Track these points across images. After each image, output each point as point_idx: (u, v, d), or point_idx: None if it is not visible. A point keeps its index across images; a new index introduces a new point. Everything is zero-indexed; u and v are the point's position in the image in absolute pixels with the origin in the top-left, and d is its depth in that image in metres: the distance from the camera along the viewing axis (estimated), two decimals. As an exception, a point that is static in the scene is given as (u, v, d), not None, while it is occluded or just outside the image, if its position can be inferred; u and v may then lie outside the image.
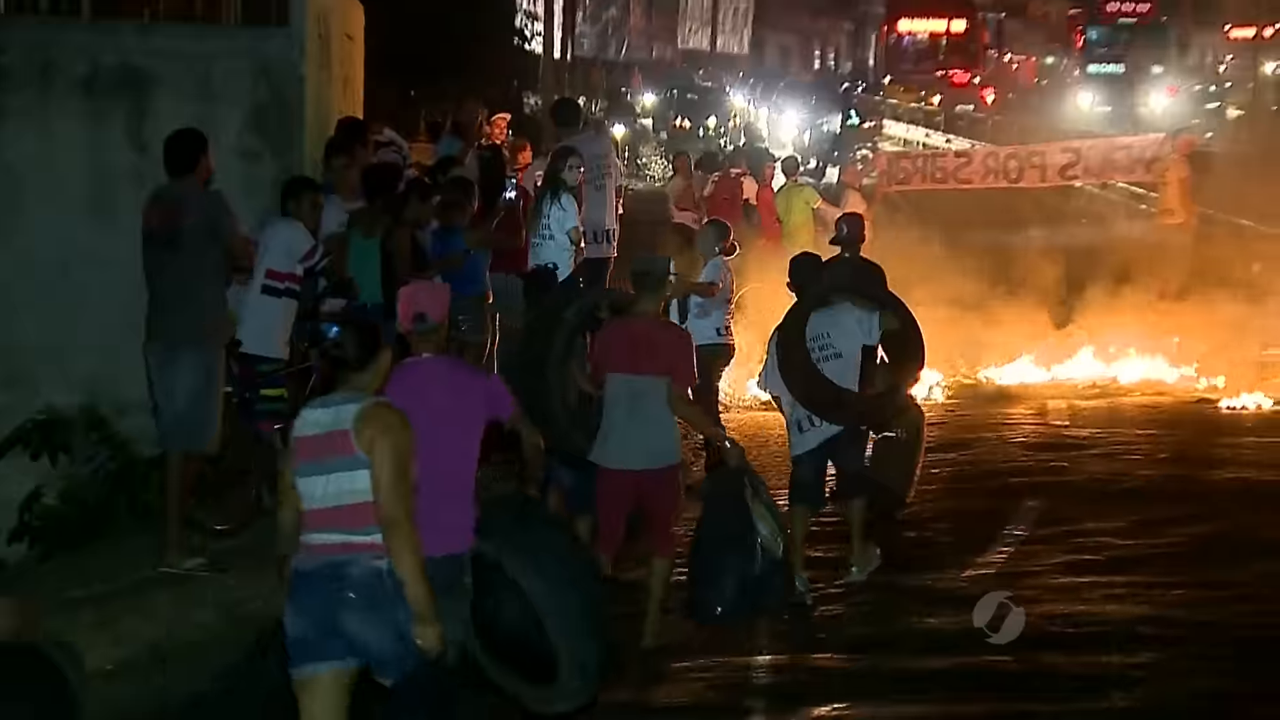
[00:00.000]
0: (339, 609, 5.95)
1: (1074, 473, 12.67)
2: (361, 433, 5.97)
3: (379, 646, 5.98)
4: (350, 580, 5.96)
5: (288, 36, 11.38)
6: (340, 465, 6.00)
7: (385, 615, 5.95)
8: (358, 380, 6.16)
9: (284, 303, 10.10)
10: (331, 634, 5.96)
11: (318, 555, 6.02)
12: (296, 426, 6.14)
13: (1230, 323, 16.62)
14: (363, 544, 5.97)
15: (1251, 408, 15.38)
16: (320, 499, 6.05)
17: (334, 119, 12.18)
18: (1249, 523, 10.92)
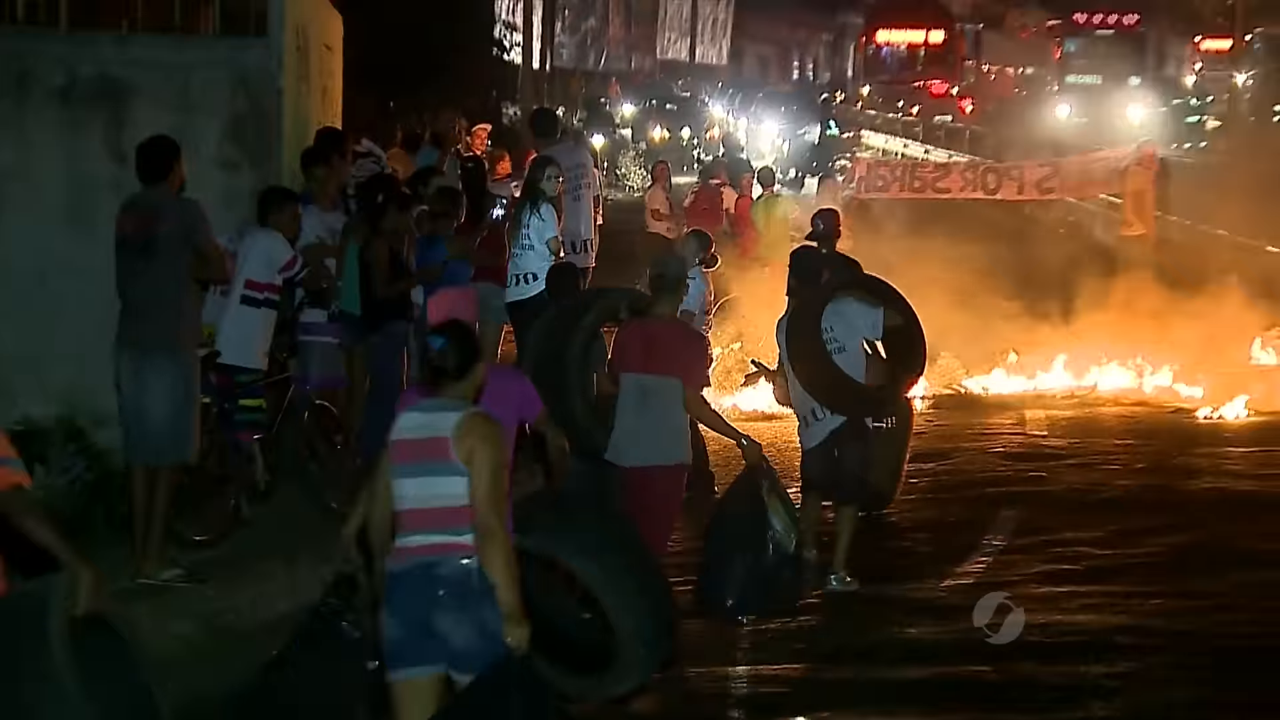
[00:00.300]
0: (431, 608, 6.11)
1: (1052, 483, 12.70)
2: (461, 441, 6.13)
3: (464, 643, 6.10)
4: (441, 579, 6.12)
5: (266, 47, 11.37)
6: (438, 470, 6.15)
7: (472, 614, 6.10)
8: (456, 389, 6.32)
9: (263, 313, 10.10)
10: (426, 637, 6.11)
11: (411, 556, 6.18)
12: (395, 429, 6.30)
13: (1207, 333, 16.68)
14: (453, 544, 6.13)
15: (1229, 418, 15.44)
16: (414, 500, 6.20)
17: (312, 129, 12.18)
18: (1226, 532, 10.95)
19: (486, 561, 6.10)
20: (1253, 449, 13.83)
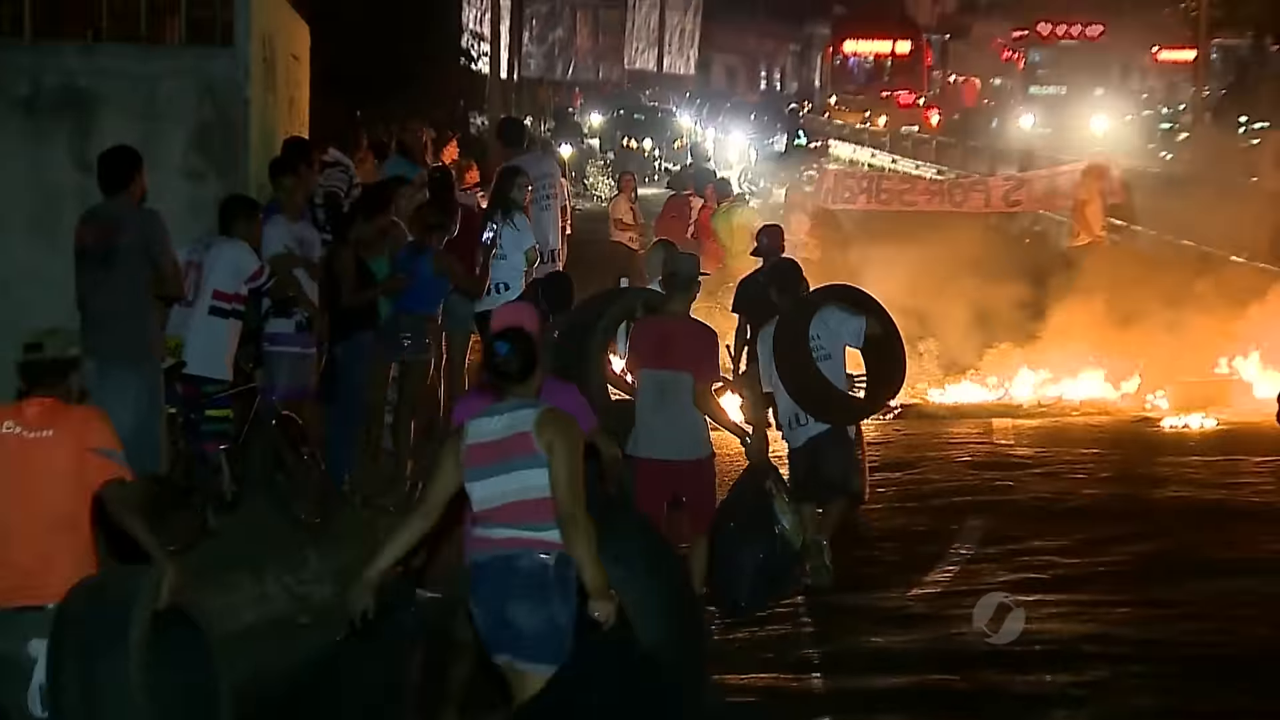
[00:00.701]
0: (507, 598, 6.39)
1: (1019, 492, 12.73)
2: (542, 434, 6.42)
3: (532, 631, 6.36)
4: (519, 571, 6.39)
5: (232, 57, 11.34)
6: (521, 464, 6.42)
7: (543, 606, 6.37)
8: (521, 389, 6.62)
9: (230, 323, 10.08)
10: (504, 626, 6.43)
11: (492, 548, 6.47)
12: (468, 435, 6.51)
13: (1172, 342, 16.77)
14: (533, 540, 6.40)
15: (1194, 427, 15.51)
16: (497, 497, 6.46)
17: (279, 139, 12.14)
18: (1192, 541, 10.99)
19: (569, 545, 6.37)
20: (1218, 458, 13.89)
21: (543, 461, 6.40)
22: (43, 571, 6.19)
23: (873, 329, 10.27)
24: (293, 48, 13.34)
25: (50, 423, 6.30)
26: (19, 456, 6.25)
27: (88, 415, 6.57)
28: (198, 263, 9.99)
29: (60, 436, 6.28)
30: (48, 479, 6.24)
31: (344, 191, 13.08)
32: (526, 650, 6.41)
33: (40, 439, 6.27)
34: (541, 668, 6.40)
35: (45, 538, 6.23)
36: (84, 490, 6.28)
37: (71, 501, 6.28)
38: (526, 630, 6.39)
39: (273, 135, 12.13)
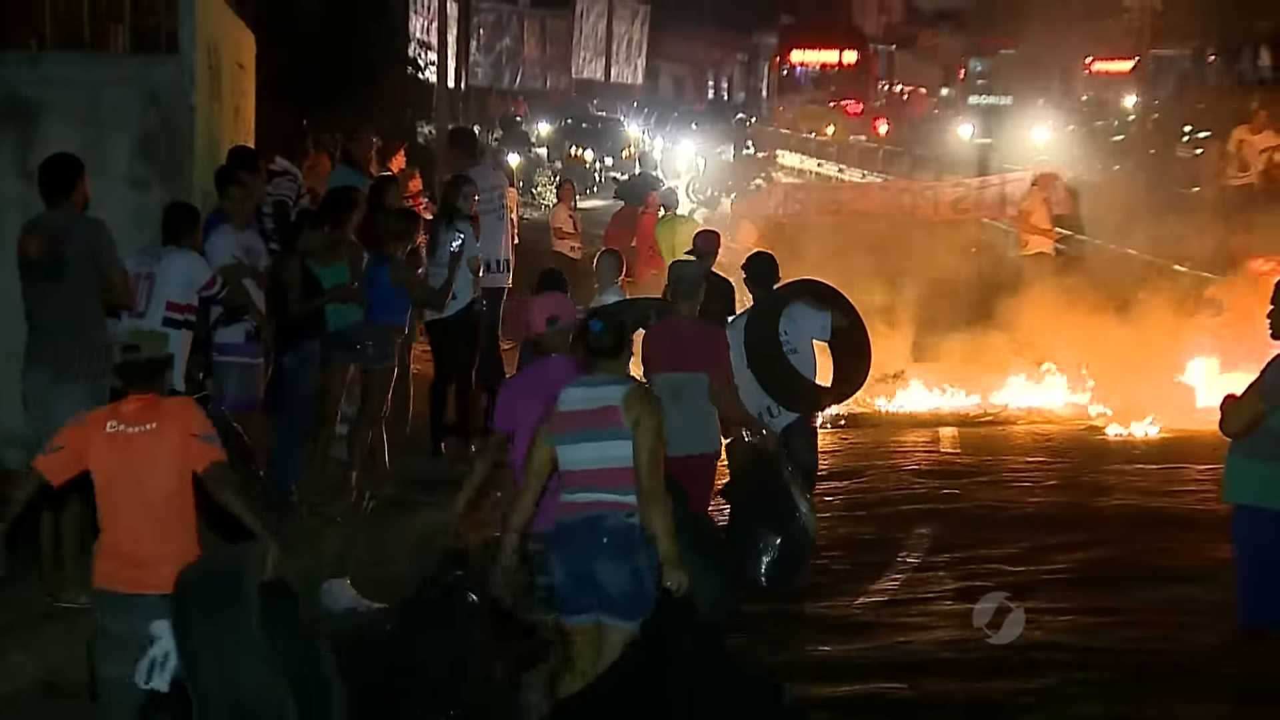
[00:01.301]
0: (594, 557, 6.86)
1: (965, 500, 12.79)
2: (629, 410, 6.92)
3: (620, 589, 6.84)
4: (606, 530, 6.88)
5: (177, 65, 11.27)
6: (606, 435, 6.92)
7: (629, 563, 6.84)
8: (613, 365, 7.15)
9: (183, 334, 10.01)
10: (588, 585, 6.88)
11: (579, 511, 6.96)
12: (560, 403, 7.06)
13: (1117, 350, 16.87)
14: (617, 502, 6.90)
15: (1138, 435, 15.62)
16: (585, 462, 6.97)
17: (225, 148, 12.07)
18: (1137, 548, 11.07)
19: (646, 516, 6.83)
20: (1161, 465, 13.99)
21: (627, 434, 6.88)
22: (157, 558, 6.62)
23: (838, 322, 10.74)
24: (238, 56, 13.28)
25: (151, 416, 6.72)
26: (127, 452, 6.65)
27: (184, 404, 7.22)
28: (148, 273, 9.91)
29: (163, 427, 6.69)
30: (156, 469, 6.67)
31: (292, 200, 13.03)
32: (614, 606, 6.86)
33: (145, 432, 6.67)
34: (627, 624, 6.82)
35: (158, 525, 6.68)
36: (187, 474, 6.71)
37: (178, 486, 6.71)
38: (614, 587, 6.85)
39: (218, 144, 12.07)
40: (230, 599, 6.42)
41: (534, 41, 58.37)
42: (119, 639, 6.66)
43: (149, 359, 6.81)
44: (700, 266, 12.19)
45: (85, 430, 6.80)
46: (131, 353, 6.81)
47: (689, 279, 9.92)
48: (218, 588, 6.48)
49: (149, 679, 6.50)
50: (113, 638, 6.71)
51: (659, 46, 67.54)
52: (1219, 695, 8.10)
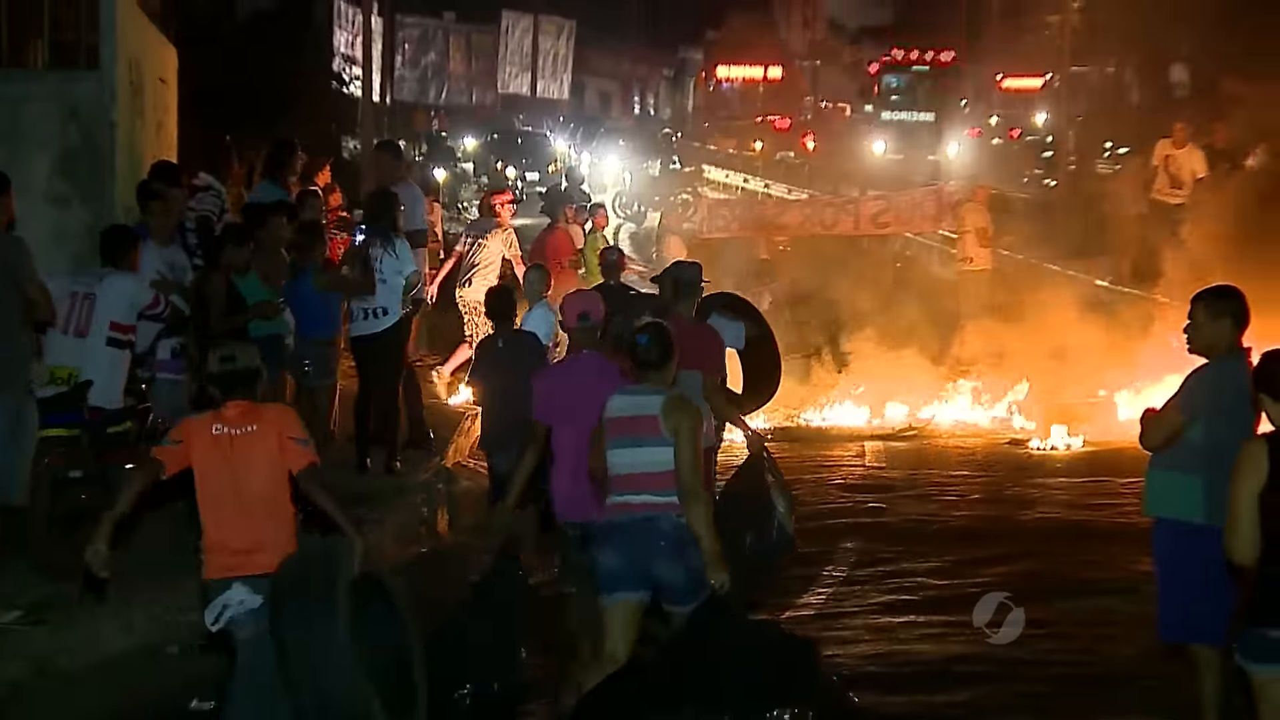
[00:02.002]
0: (652, 554, 7.44)
1: (890, 514, 12.85)
2: (668, 418, 7.44)
3: (677, 582, 7.45)
4: (661, 532, 7.43)
5: (98, 80, 11.19)
6: (648, 442, 7.45)
7: (684, 561, 7.42)
8: (658, 376, 7.62)
9: (124, 353, 10.03)
10: (639, 571, 7.46)
11: (628, 511, 7.51)
12: (606, 410, 7.62)
13: (1039, 365, 17.02)
14: (665, 504, 7.44)
15: (1061, 449, 15.75)
16: (630, 466, 7.51)
17: (147, 163, 11.99)
18: (1060, 562, 11.15)
19: (690, 516, 7.38)
20: (1083, 479, 14.12)
21: (668, 441, 7.41)
22: (254, 549, 7.17)
23: (750, 332, 11.25)
24: (160, 71, 13.19)
25: (252, 420, 7.27)
26: (230, 451, 7.20)
27: (282, 410, 7.92)
28: (88, 294, 9.86)
29: (263, 430, 7.25)
30: (256, 468, 7.22)
31: (215, 216, 12.95)
32: (676, 597, 7.48)
33: (246, 434, 7.23)
34: (684, 608, 7.42)
35: (256, 520, 7.20)
36: (283, 473, 7.26)
37: (275, 485, 7.26)
38: (673, 582, 7.46)
39: (140, 159, 11.98)
40: (323, 606, 6.80)
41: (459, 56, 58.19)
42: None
43: (245, 368, 7.34)
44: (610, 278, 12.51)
45: (193, 431, 7.34)
46: (229, 363, 7.33)
47: (688, 280, 10.25)
48: (311, 592, 6.87)
49: (216, 621, 7.14)
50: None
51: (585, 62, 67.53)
52: (1140, 707, 8.19)
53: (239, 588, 7.13)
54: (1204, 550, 6.81)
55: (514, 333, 11.42)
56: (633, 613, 7.58)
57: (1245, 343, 7.23)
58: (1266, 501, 5.95)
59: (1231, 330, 7.22)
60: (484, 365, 11.27)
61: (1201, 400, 7.12)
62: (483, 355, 11.40)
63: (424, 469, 13.24)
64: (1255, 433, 6.65)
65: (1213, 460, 6.91)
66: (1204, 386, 7.15)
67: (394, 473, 12.77)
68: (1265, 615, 5.94)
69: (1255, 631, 5.96)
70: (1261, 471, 5.97)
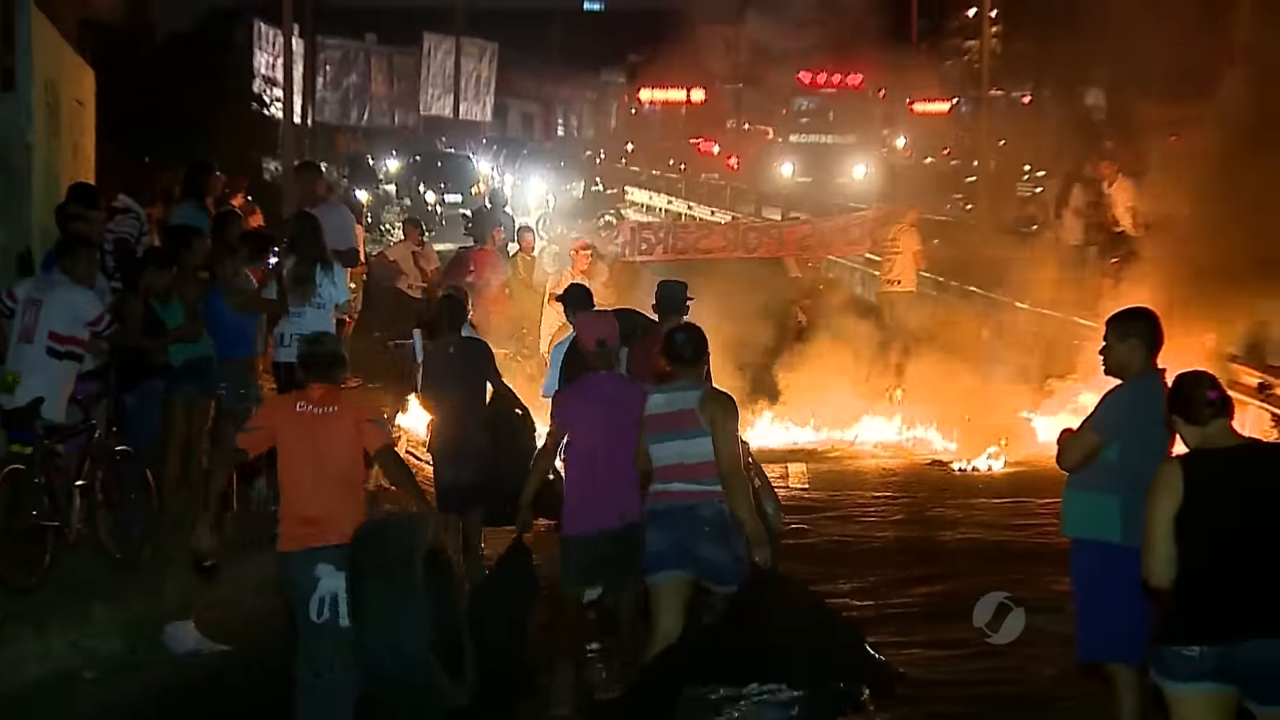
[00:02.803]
0: (698, 538, 7.95)
1: (813, 534, 12.87)
2: (705, 410, 8.00)
3: (722, 564, 7.97)
4: (705, 518, 7.96)
5: (14, 102, 11.09)
6: (688, 434, 8.00)
7: (727, 543, 7.96)
8: (691, 372, 8.20)
9: (67, 365, 10.04)
10: (686, 553, 7.96)
11: (672, 499, 8.04)
12: (647, 408, 8.16)
13: (961, 386, 17.12)
14: (706, 491, 7.98)
15: (982, 469, 15.86)
16: (672, 457, 8.04)
17: (64, 185, 11.89)
18: (981, 581, 11.17)
19: (732, 501, 7.92)
20: (1004, 500, 14.21)
21: (705, 432, 7.95)
22: (330, 519, 7.70)
23: None
24: (77, 93, 13.08)
25: (333, 401, 7.80)
26: (313, 429, 7.73)
27: (361, 393, 8.86)
28: (37, 299, 9.89)
29: (343, 411, 7.79)
30: (335, 445, 7.74)
31: (134, 238, 12.85)
32: (720, 577, 7.99)
33: (328, 414, 7.75)
34: (728, 588, 7.96)
35: (332, 491, 7.73)
36: (359, 451, 7.83)
37: (351, 462, 7.83)
38: (719, 562, 7.96)
39: (57, 181, 11.88)
40: (402, 562, 7.59)
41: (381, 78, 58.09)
42: (303, 587, 7.71)
43: (330, 352, 7.91)
44: None
45: (277, 411, 8.07)
46: (314, 346, 7.96)
47: (674, 297, 11.06)
48: (391, 556, 7.62)
49: (320, 614, 7.64)
50: (299, 587, 7.76)
51: (508, 84, 67.60)
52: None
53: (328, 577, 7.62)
54: (1121, 570, 6.87)
55: (464, 340, 11.48)
56: (681, 590, 8.04)
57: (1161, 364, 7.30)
58: (1182, 523, 6.02)
59: (1140, 351, 7.27)
60: (435, 373, 11.25)
61: (1116, 421, 7.18)
62: (433, 363, 11.37)
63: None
64: (1170, 453, 6.73)
65: (1128, 480, 6.97)
66: (1119, 407, 7.22)
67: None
68: (1181, 633, 6.00)
69: (1171, 649, 6.01)
70: (1177, 493, 6.04)
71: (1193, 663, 5.95)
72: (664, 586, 8.06)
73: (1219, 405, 6.15)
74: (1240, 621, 5.94)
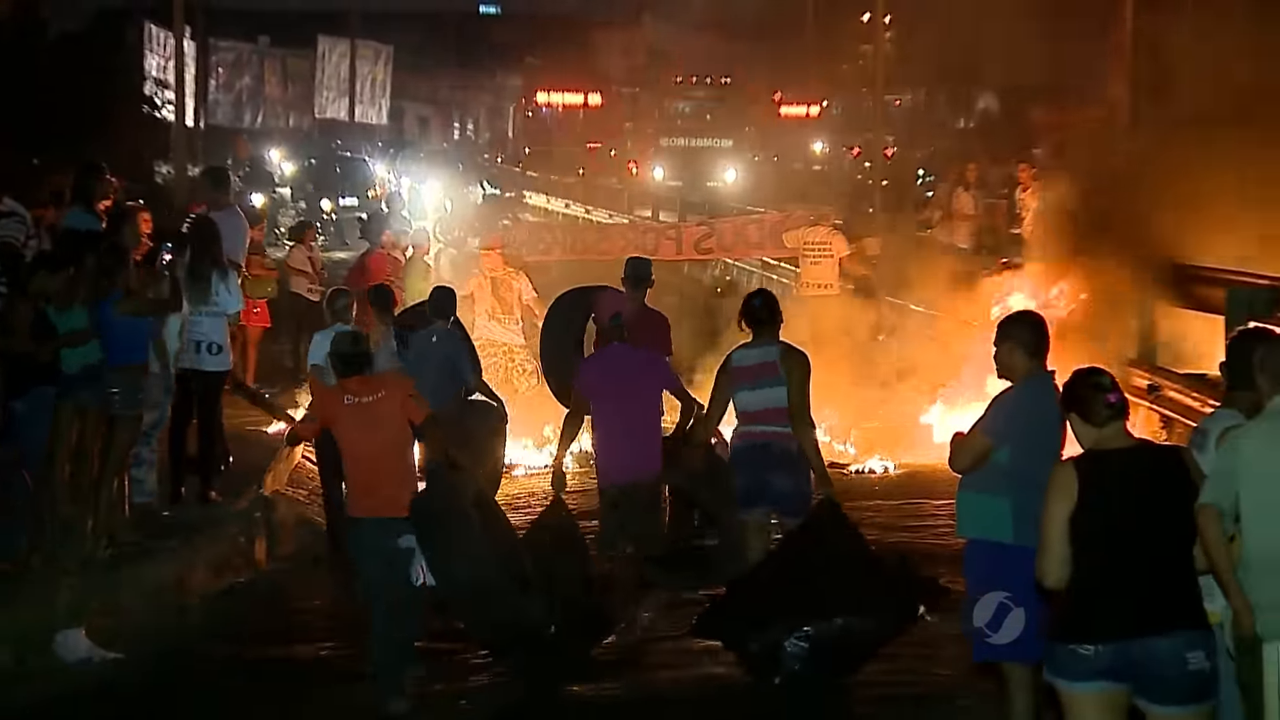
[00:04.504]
0: (770, 472, 9.23)
1: (710, 535, 12.83)
2: (783, 364, 9.28)
3: (790, 495, 9.24)
4: (777, 454, 9.23)
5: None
6: (767, 384, 9.28)
7: (794, 476, 9.26)
8: (769, 331, 9.44)
9: None
10: (764, 487, 9.25)
11: (754, 439, 9.31)
12: (733, 361, 9.44)
13: (858, 389, 17.21)
14: (779, 433, 9.24)
15: (878, 471, 15.95)
16: (754, 404, 9.31)
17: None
18: (877, 582, 11.24)
19: (802, 441, 9.22)
20: (900, 501, 14.29)
21: (783, 381, 9.21)
22: (399, 487, 8.87)
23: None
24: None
25: (377, 388, 9.02)
26: (365, 415, 8.88)
27: (398, 375, 10.24)
28: None
29: (390, 394, 8.99)
30: (390, 424, 8.92)
31: (20, 242, 12.66)
32: (787, 506, 9.25)
33: (377, 400, 8.91)
34: (796, 519, 9.05)
35: (390, 464, 8.91)
36: (406, 424, 8.98)
37: (402, 434, 9.00)
38: (786, 491, 9.22)
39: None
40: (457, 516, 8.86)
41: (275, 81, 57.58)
42: (375, 551, 8.88)
43: (358, 353, 9.09)
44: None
45: (328, 405, 9.13)
46: (346, 347, 9.09)
47: (640, 274, 12.39)
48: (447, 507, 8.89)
49: (420, 579, 8.77)
50: (370, 551, 8.93)
51: (403, 87, 67.27)
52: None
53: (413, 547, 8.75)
54: (1014, 570, 6.94)
55: (447, 330, 12.60)
56: (764, 524, 9.38)
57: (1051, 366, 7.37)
58: (1077, 523, 6.08)
59: (1019, 353, 7.33)
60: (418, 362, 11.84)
61: (1006, 423, 7.24)
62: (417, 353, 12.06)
63: (242, 498, 13.05)
64: (1061, 453, 6.81)
65: (1019, 482, 7.04)
66: (1007, 410, 7.28)
67: (210, 502, 12.60)
68: (1076, 632, 6.06)
69: (1066, 648, 6.07)
70: (1072, 494, 6.09)
71: (1087, 661, 6.01)
72: (748, 521, 9.35)
73: (1117, 408, 6.22)
74: (1134, 621, 6.00)
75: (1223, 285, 13.73)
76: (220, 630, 10.81)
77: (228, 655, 10.25)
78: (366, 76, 59.81)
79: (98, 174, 13.58)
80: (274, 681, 9.75)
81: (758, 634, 8.53)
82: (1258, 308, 12.20)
